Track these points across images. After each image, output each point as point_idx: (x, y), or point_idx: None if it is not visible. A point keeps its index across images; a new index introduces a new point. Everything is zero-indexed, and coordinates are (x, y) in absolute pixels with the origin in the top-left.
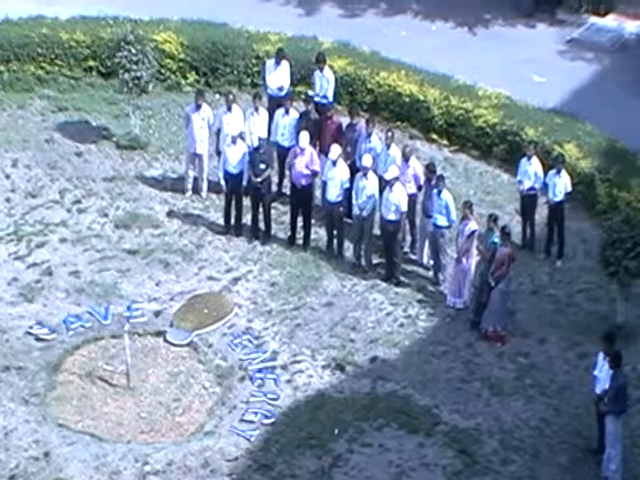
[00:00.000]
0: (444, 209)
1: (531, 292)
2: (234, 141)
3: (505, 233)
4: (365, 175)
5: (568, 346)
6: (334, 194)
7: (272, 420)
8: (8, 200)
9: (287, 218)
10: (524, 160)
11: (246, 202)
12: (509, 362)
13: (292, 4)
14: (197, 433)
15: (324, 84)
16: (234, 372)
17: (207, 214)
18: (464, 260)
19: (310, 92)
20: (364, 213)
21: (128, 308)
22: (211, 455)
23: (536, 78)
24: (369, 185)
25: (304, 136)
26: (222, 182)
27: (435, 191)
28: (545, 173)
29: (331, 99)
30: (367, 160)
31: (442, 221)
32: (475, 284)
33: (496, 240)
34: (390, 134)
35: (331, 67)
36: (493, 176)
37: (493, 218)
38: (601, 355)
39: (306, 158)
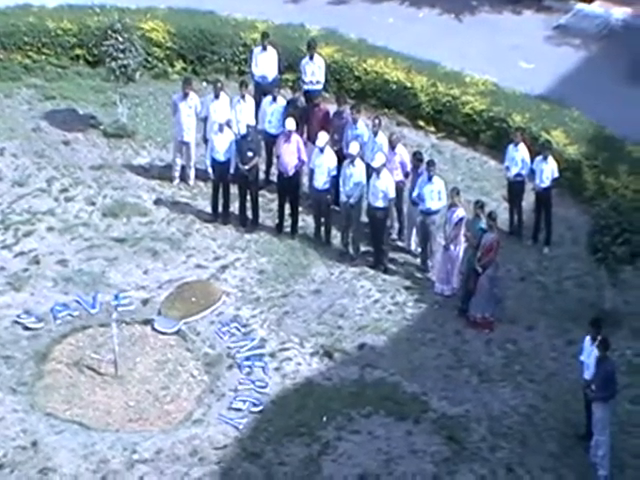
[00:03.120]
0: (437, 194)
1: (519, 279)
2: (221, 129)
3: (491, 219)
4: (352, 162)
5: (556, 333)
6: (321, 182)
7: (260, 408)
8: None
9: (275, 206)
10: (511, 146)
11: (233, 190)
12: (497, 349)
13: None
14: (185, 421)
15: (315, 70)
16: (222, 360)
17: (195, 202)
18: (452, 247)
19: (305, 79)
20: (351, 200)
21: (116, 297)
22: (199, 443)
23: (523, 65)
24: (356, 172)
25: (290, 120)
26: (209, 170)
27: (426, 176)
28: (532, 159)
29: (322, 85)
30: (354, 147)
31: (434, 205)
32: (462, 271)
33: (483, 227)
34: (377, 121)
35: (320, 54)
36: (480, 163)
37: (480, 205)
38: (587, 340)
39: (293, 146)
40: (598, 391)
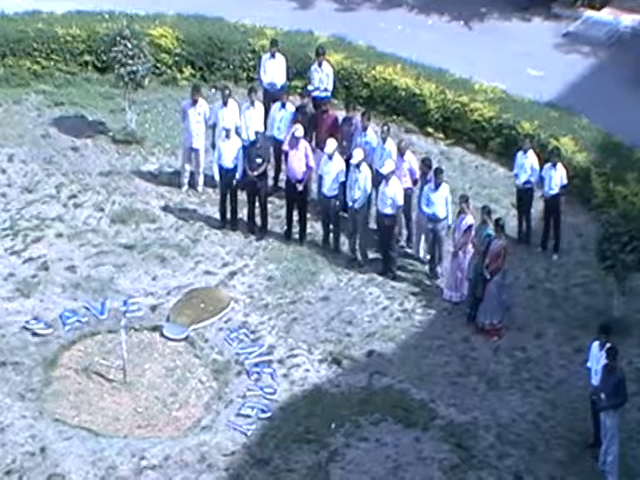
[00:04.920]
0: (444, 201)
1: (527, 286)
2: (228, 135)
3: (499, 225)
4: (358, 167)
5: (564, 340)
6: (330, 188)
7: (269, 414)
8: (4, 195)
9: (283, 212)
10: (520, 154)
11: (242, 196)
12: (505, 356)
13: None
14: (194, 428)
15: (323, 78)
16: (230, 366)
17: (203, 209)
18: (461, 254)
19: (310, 87)
20: (356, 205)
21: (124, 303)
22: (208, 450)
23: (532, 72)
24: (361, 178)
25: (299, 126)
26: (217, 177)
27: (432, 184)
28: (541, 167)
29: (330, 93)
30: (357, 154)
31: (441, 212)
32: (469, 277)
33: (490, 232)
34: (386, 128)
35: (328, 62)
36: (489, 170)
37: (487, 211)
38: (595, 346)
39: (301, 152)
40: (608, 399)
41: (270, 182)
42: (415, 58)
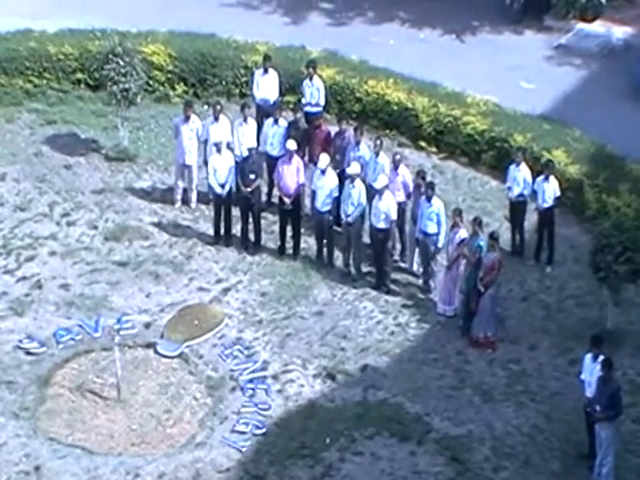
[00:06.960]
0: (435, 216)
1: (521, 298)
2: (219, 151)
3: (493, 238)
4: (352, 182)
5: (559, 352)
6: (323, 203)
7: (263, 430)
8: None
9: (277, 228)
10: (513, 166)
11: (235, 212)
12: (500, 369)
13: (279, 13)
14: (188, 444)
15: (314, 93)
16: (225, 383)
17: (196, 225)
18: (454, 268)
19: (303, 100)
20: (349, 220)
21: (118, 320)
22: (202, 466)
23: (524, 84)
24: (355, 192)
25: (291, 141)
26: (217, 189)
27: (424, 198)
28: (534, 179)
29: (322, 107)
30: (354, 168)
31: (432, 228)
32: (462, 289)
33: (481, 244)
34: (379, 142)
35: (319, 76)
36: (482, 183)
37: (478, 221)
38: (588, 358)
39: (293, 167)
40: (603, 411)
41: (264, 198)
42: (407, 72)
